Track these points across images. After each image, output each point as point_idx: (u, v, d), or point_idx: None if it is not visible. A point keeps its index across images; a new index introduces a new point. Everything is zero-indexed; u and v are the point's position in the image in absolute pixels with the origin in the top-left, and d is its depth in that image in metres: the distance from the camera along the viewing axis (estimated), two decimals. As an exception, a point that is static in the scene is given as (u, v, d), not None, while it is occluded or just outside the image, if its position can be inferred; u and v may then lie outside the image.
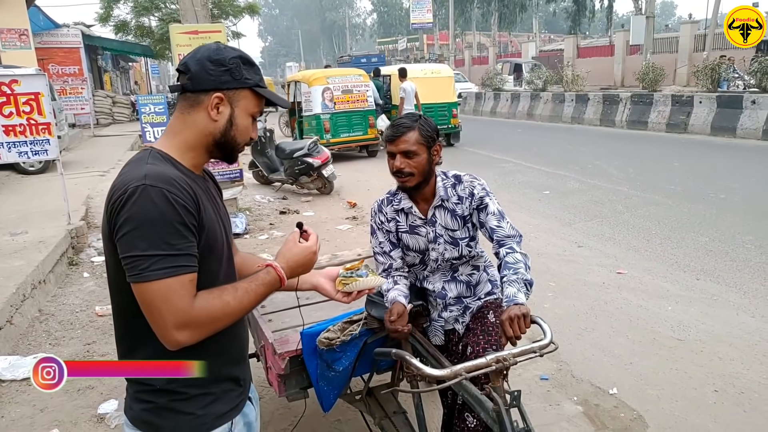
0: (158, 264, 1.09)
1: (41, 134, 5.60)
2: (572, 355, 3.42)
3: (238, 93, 1.24)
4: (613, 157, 10.07)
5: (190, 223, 1.14)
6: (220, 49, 1.24)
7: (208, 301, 1.15)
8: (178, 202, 1.12)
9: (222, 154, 1.30)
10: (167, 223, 1.10)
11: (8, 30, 13.07)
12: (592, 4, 34.21)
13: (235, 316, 1.20)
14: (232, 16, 22.93)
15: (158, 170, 1.15)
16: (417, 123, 1.95)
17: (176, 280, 1.10)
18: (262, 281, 1.24)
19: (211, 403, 1.25)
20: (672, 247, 5.24)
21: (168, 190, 1.11)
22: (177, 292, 1.10)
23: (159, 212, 1.09)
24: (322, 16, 69.08)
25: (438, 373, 1.45)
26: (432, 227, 2.03)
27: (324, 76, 11.34)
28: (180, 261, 1.11)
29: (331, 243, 5.79)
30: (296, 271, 1.31)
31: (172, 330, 1.11)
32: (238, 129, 1.26)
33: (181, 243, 1.11)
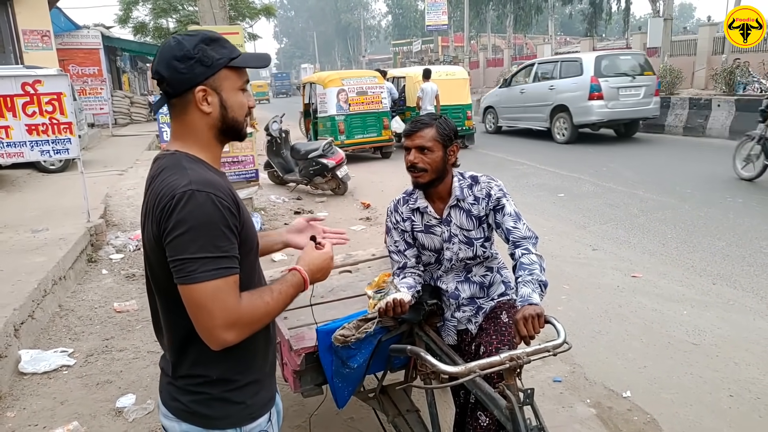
0: (207, 266, 1.12)
1: (63, 133, 5.72)
2: (586, 358, 3.41)
3: (217, 76, 1.23)
4: (628, 160, 9.99)
5: (233, 225, 1.18)
6: (180, 43, 1.21)
7: (252, 301, 1.20)
8: (223, 205, 1.15)
9: (231, 137, 1.32)
10: (214, 227, 1.13)
11: (31, 31, 13.32)
12: (609, 6, 33.91)
13: (273, 316, 1.26)
14: (248, 18, 23.15)
15: (200, 175, 1.18)
16: (436, 121, 1.98)
17: (224, 281, 1.14)
18: (291, 283, 1.29)
19: (258, 392, 1.31)
20: (688, 251, 5.20)
21: (214, 194, 1.15)
22: (226, 292, 1.14)
23: (207, 216, 1.13)
24: (338, 18, 69.34)
25: (452, 369, 1.47)
26: (447, 227, 2.06)
27: (339, 77, 11.41)
28: (226, 263, 1.15)
29: (344, 243, 5.82)
30: (316, 275, 1.36)
31: (220, 329, 1.14)
32: (233, 109, 1.26)
33: (226, 245, 1.15)
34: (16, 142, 5.63)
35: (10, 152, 5.66)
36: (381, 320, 2.06)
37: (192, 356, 1.25)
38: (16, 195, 7.91)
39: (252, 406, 1.30)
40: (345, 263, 3.32)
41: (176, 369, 1.28)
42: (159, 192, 1.18)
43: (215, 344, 1.16)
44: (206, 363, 1.25)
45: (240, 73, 1.26)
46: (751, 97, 12.85)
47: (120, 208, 7.09)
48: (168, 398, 1.30)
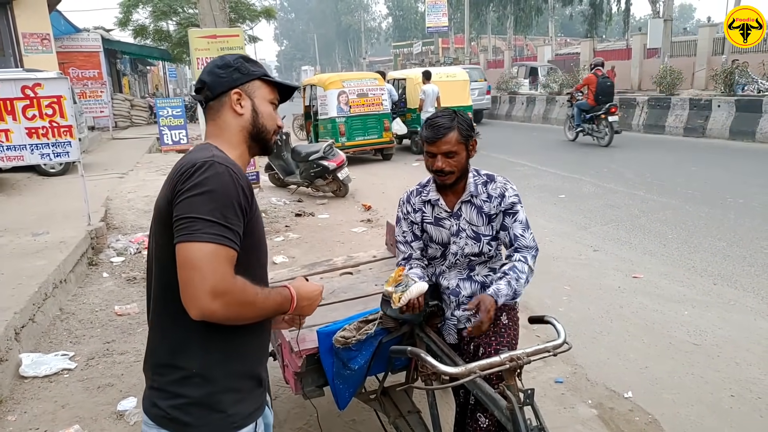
0: (212, 229, 1.15)
1: (63, 136, 5.72)
2: (587, 359, 3.41)
3: (251, 85, 1.38)
4: (629, 161, 9.99)
5: (244, 205, 1.22)
6: (224, 57, 1.39)
7: (245, 283, 1.21)
8: (238, 182, 1.21)
9: (259, 146, 1.41)
10: (227, 197, 1.18)
11: (30, 34, 13.34)
12: (609, 8, 33.92)
13: (256, 313, 1.24)
14: (248, 21, 23.18)
15: (224, 155, 1.28)
16: (455, 122, 1.96)
17: (224, 249, 1.16)
18: (280, 292, 1.32)
19: (239, 401, 1.28)
20: (689, 252, 5.19)
21: (233, 170, 1.22)
22: (222, 259, 1.15)
23: (222, 185, 1.18)
24: (338, 20, 69.41)
25: (453, 370, 1.47)
26: (456, 220, 2.07)
27: (339, 79, 11.42)
28: (230, 234, 1.17)
29: (346, 245, 5.83)
30: (303, 302, 1.37)
31: (207, 295, 1.13)
32: (263, 116, 1.38)
33: (234, 219, 1.19)
34: (16, 146, 5.63)
35: (11, 155, 5.66)
36: (382, 321, 2.06)
37: (177, 340, 1.24)
38: (16, 198, 7.92)
39: (233, 415, 1.26)
40: (346, 265, 3.32)
41: (157, 355, 1.27)
42: (181, 163, 1.26)
43: (197, 310, 1.14)
44: (189, 351, 1.23)
45: (271, 88, 1.41)
46: (751, 97, 12.85)
47: (120, 211, 7.10)
48: (149, 405, 1.28)
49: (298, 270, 3.33)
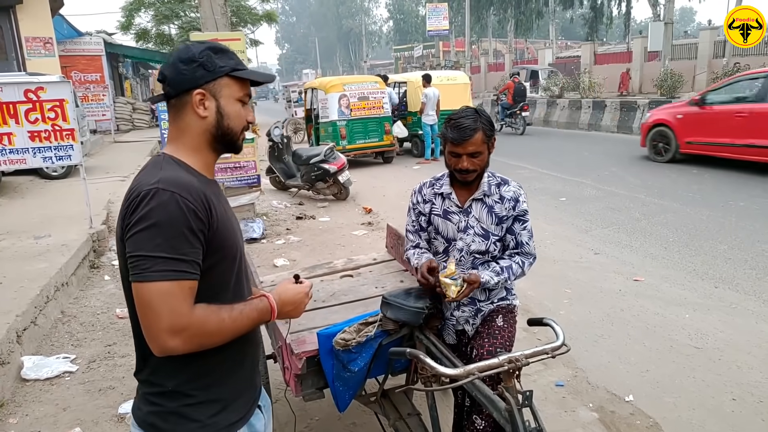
0: (161, 265, 1.10)
1: (65, 140, 5.74)
2: (588, 362, 3.40)
3: (218, 83, 1.25)
4: (630, 164, 9.99)
5: (198, 230, 1.15)
6: (188, 47, 1.25)
7: (206, 312, 1.15)
8: (188, 207, 1.13)
9: (225, 147, 1.31)
10: (175, 227, 1.11)
11: (33, 38, 13.40)
12: (610, 11, 34.00)
13: (227, 336, 1.20)
14: (250, 24, 23.25)
15: (172, 175, 1.17)
16: (479, 122, 1.97)
17: (177, 284, 1.11)
18: (256, 306, 1.25)
19: (219, 412, 1.25)
20: (690, 255, 5.19)
21: (180, 195, 1.13)
22: (176, 296, 1.11)
23: (168, 215, 1.11)
24: (339, 23, 69.60)
25: (451, 371, 1.48)
26: (465, 217, 2.09)
27: (340, 83, 11.45)
28: (183, 266, 1.12)
29: (347, 248, 5.83)
30: (286, 308, 1.31)
31: (165, 334, 1.11)
32: (229, 117, 1.27)
33: (186, 249, 1.12)
34: (18, 149, 5.65)
35: (13, 159, 5.68)
36: (381, 324, 2.06)
37: (153, 361, 1.22)
38: (18, 201, 7.94)
39: (210, 426, 1.24)
40: (346, 267, 3.33)
41: (138, 372, 1.27)
42: (130, 190, 1.19)
43: (158, 349, 1.13)
44: (163, 371, 1.22)
45: (241, 84, 1.28)
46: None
47: (122, 214, 7.10)
48: (135, 408, 1.29)
49: (300, 272, 3.33)
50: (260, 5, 23.61)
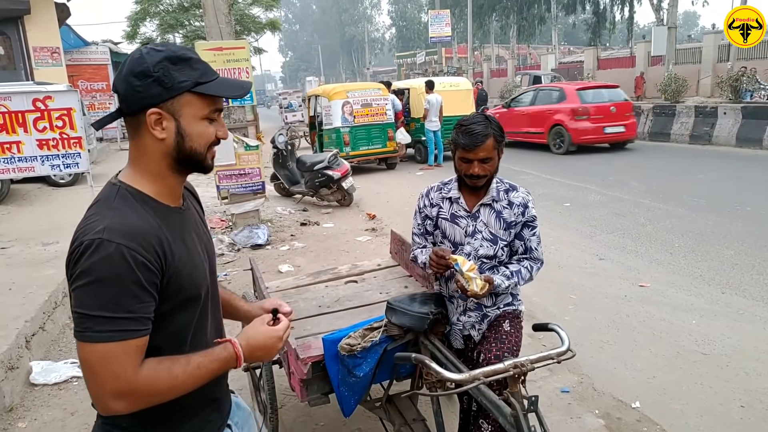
0: (102, 326, 1.00)
1: (73, 148, 5.81)
2: (593, 368, 3.39)
3: (177, 101, 1.09)
4: (634, 169, 9.98)
5: (149, 282, 1.04)
6: (143, 57, 1.07)
7: (156, 371, 1.05)
8: (136, 260, 1.02)
9: (192, 168, 1.16)
10: (119, 284, 1.00)
11: (41, 48, 13.55)
12: (613, 16, 34.04)
13: (181, 392, 1.09)
14: (254, 33, 23.39)
15: (119, 221, 1.05)
16: (490, 128, 1.98)
17: (120, 345, 1.01)
18: (217, 357, 1.13)
19: None
20: (696, 261, 5.17)
21: (126, 246, 1.01)
22: (119, 358, 1.01)
23: (112, 271, 1.00)
24: (342, 31, 69.94)
25: (456, 376, 1.48)
26: (473, 221, 2.09)
27: (344, 90, 11.50)
28: (128, 325, 1.01)
29: (351, 254, 5.84)
30: (256, 353, 1.17)
31: (107, 397, 1.02)
32: (192, 139, 1.11)
33: (133, 305, 1.02)
34: (27, 157, 5.73)
35: (22, 167, 5.76)
36: (386, 329, 2.07)
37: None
38: (27, 208, 8.00)
39: None
40: (351, 273, 3.34)
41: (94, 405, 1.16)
42: (75, 232, 1.07)
43: (102, 411, 1.05)
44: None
45: (208, 100, 1.11)
46: (759, 104, 12.84)
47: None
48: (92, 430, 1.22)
49: (304, 278, 3.35)
50: (264, 14, 23.76)
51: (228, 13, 6.23)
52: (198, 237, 1.23)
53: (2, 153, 5.74)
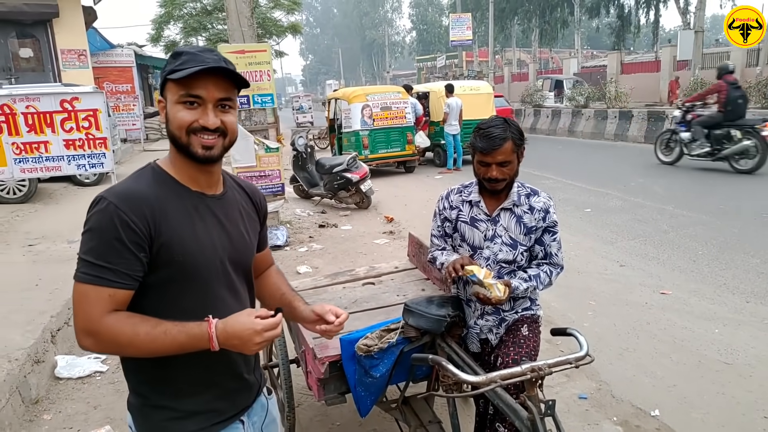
0: (85, 269, 1.15)
1: (98, 148, 5.94)
2: (612, 375, 3.35)
3: (167, 88, 1.24)
4: (658, 175, 9.82)
5: (131, 241, 1.15)
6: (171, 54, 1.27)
7: (119, 322, 1.16)
8: (121, 219, 1.15)
9: (182, 153, 1.26)
10: (104, 236, 1.15)
11: (69, 50, 13.89)
12: (638, 19, 33.57)
13: (143, 351, 1.18)
14: (275, 36, 23.62)
15: (125, 186, 1.22)
16: (509, 132, 1.97)
17: (94, 289, 1.15)
18: (188, 332, 1.17)
19: (173, 419, 1.28)
20: (720, 269, 5.07)
21: (116, 205, 1.16)
22: (90, 300, 1.15)
23: (99, 224, 1.16)
24: (362, 34, 70.20)
25: (473, 379, 1.48)
26: (493, 225, 2.09)
27: (363, 93, 11.55)
28: (105, 273, 1.14)
29: (368, 256, 5.86)
30: (230, 341, 1.18)
31: (78, 332, 1.17)
32: (170, 122, 1.23)
33: (112, 257, 1.15)
34: (54, 157, 5.87)
35: (49, 166, 5.90)
36: (404, 331, 2.08)
37: (122, 360, 1.31)
38: (53, 207, 8.19)
39: (162, 428, 1.28)
40: (368, 275, 3.35)
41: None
42: None
43: (78, 342, 1.19)
44: (127, 370, 1.31)
45: (180, 84, 1.21)
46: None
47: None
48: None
49: (322, 280, 3.37)
50: (285, 17, 23.98)
51: (250, 16, 6.31)
52: (220, 226, 1.30)
53: (30, 152, 5.89)
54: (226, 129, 1.25)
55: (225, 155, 1.32)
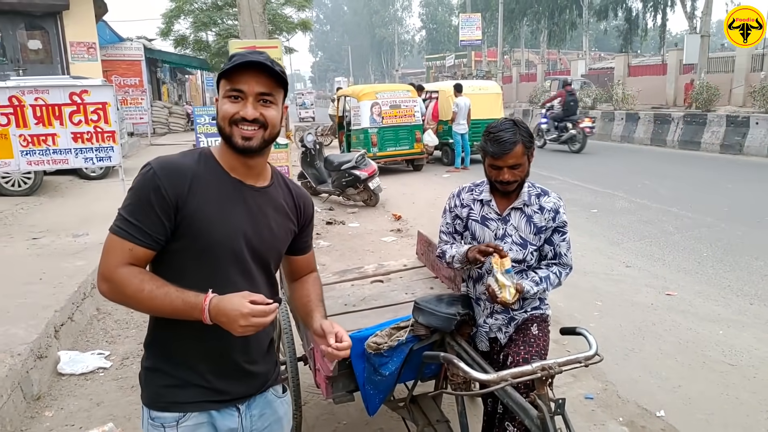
0: (117, 221, 1.28)
1: (106, 142, 5.96)
2: (618, 375, 3.36)
3: (220, 86, 1.34)
4: (663, 177, 9.80)
5: (158, 206, 1.26)
6: None
7: (130, 274, 1.26)
8: (154, 184, 1.26)
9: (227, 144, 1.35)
10: (137, 195, 1.27)
11: (78, 43, 13.93)
12: (645, 23, 33.42)
13: (145, 306, 1.27)
14: (285, 32, 23.65)
15: (171, 158, 1.34)
16: (519, 135, 1.97)
17: (118, 240, 1.26)
18: (186, 297, 1.24)
19: (169, 387, 1.35)
20: (725, 271, 5.06)
21: (156, 172, 1.28)
22: (113, 249, 1.27)
23: (138, 184, 1.28)
24: (372, 32, 70.06)
25: (484, 377, 1.49)
26: (503, 224, 2.10)
27: (373, 91, 11.54)
28: (131, 228, 1.26)
29: (376, 254, 5.87)
30: (219, 317, 1.22)
31: (99, 276, 1.28)
32: (218, 113, 1.34)
33: (140, 216, 1.26)
34: (62, 149, 5.89)
35: (56, 159, 5.92)
36: (413, 329, 2.09)
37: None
38: (58, 200, 8.23)
39: (158, 394, 1.36)
40: (377, 273, 3.36)
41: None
42: None
43: (97, 287, 1.32)
44: (148, 327, 1.41)
45: (228, 80, 1.32)
46: (794, 114, 12.47)
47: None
48: None
49: (330, 277, 3.39)
50: (296, 14, 24.01)
51: (262, 12, 6.33)
52: (250, 213, 1.37)
53: (38, 145, 5.91)
54: (266, 122, 1.32)
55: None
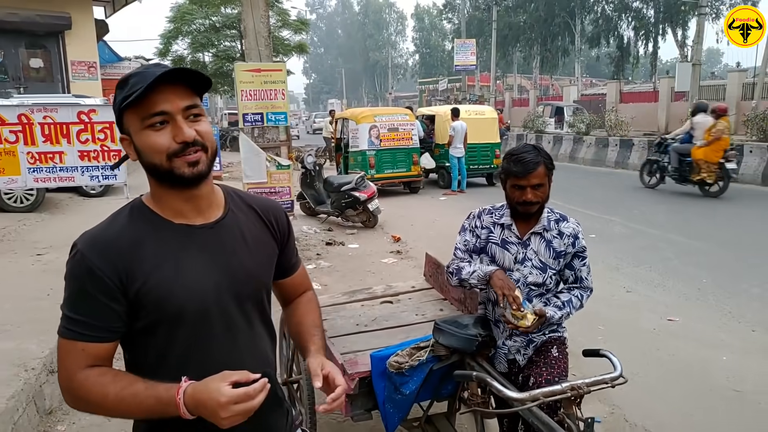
0: (63, 322, 1.11)
1: (112, 160, 6.00)
2: (624, 399, 3.38)
3: (125, 121, 1.12)
4: (657, 203, 9.95)
5: (100, 291, 1.08)
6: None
7: (89, 380, 1.08)
8: (87, 268, 1.08)
9: (169, 182, 1.13)
10: (72, 286, 1.10)
11: (79, 62, 14.02)
12: (636, 50, 34.22)
13: (114, 413, 1.10)
14: (282, 55, 23.93)
15: (97, 231, 1.14)
16: (540, 156, 2.05)
17: (67, 342, 1.10)
18: (157, 394, 1.05)
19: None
20: (725, 297, 5.13)
21: (83, 254, 1.09)
22: (65, 354, 1.10)
23: (71, 274, 1.10)
24: (366, 55, 71.09)
25: (517, 395, 1.53)
26: (524, 249, 2.15)
27: (371, 114, 11.71)
28: (77, 327, 1.08)
29: (377, 275, 5.90)
30: (197, 409, 1.03)
31: (61, 387, 1.11)
32: (144, 153, 1.11)
33: (82, 309, 1.09)
34: (68, 167, 5.93)
35: (63, 176, 5.95)
36: (434, 349, 2.12)
37: None
38: (60, 217, 8.21)
39: None
40: (386, 294, 3.40)
41: None
42: None
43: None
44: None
45: (140, 108, 1.08)
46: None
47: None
48: None
49: (340, 297, 3.42)
50: (292, 36, 24.33)
51: (267, 36, 6.46)
52: (212, 259, 1.17)
53: (45, 162, 5.95)
54: (204, 140, 1.11)
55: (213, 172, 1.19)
